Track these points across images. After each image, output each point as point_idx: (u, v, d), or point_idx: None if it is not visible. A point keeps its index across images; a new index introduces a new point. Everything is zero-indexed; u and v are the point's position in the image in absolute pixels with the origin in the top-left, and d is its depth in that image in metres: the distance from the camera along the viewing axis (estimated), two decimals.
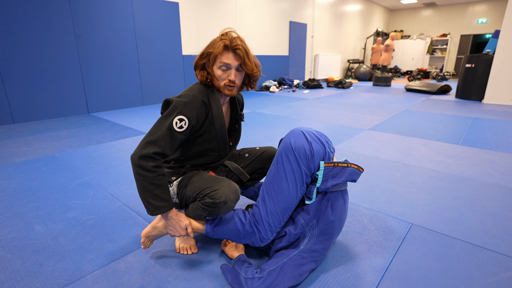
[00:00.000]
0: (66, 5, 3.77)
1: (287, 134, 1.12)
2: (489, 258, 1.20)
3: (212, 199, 1.05)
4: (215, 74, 1.13)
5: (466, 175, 2.03)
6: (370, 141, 2.84)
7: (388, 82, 7.90)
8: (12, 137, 2.99)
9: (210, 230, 1.14)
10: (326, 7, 8.77)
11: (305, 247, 1.05)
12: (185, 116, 1.05)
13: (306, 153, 1.03)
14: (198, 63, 1.15)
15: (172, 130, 1.04)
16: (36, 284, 1.06)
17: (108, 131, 3.26)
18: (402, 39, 12.14)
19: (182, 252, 1.24)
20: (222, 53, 1.10)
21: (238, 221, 1.11)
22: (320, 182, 1.04)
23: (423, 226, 1.43)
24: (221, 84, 1.14)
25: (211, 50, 1.10)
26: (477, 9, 10.77)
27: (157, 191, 1.02)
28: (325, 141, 1.09)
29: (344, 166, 1.04)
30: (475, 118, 3.92)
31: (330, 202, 1.07)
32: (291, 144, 1.05)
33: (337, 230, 1.10)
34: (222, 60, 1.10)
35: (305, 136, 1.06)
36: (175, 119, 1.04)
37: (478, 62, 5.35)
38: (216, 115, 1.17)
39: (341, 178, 1.03)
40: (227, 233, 1.12)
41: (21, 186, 1.87)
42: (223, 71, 1.12)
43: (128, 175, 2.04)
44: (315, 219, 1.06)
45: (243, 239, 1.11)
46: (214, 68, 1.13)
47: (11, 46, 3.44)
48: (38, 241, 1.32)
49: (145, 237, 1.19)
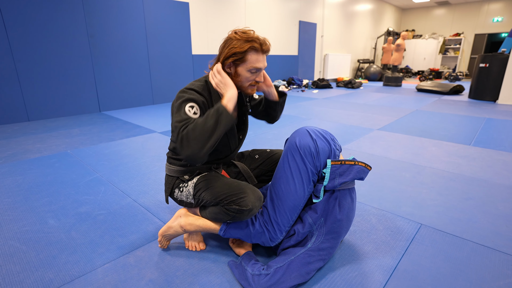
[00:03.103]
0: (79, 6, 3.86)
1: (292, 134, 1.13)
2: (501, 260, 1.17)
3: (239, 206, 1.05)
4: (241, 75, 1.11)
5: (478, 176, 1.99)
6: (379, 141, 2.81)
7: (399, 82, 7.78)
8: (27, 134, 3.08)
9: (222, 230, 1.15)
10: (336, 6, 8.70)
11: (312, 245, 1.05)
12: (194, 102, 1.06)
13: (311, 151, 1.03)
14: (225, 63, 1.09)
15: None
16: (49, 276, 1.09)
17: (119, 129, 3.31)
18: (413, 38, 11.94)
19: (190, 248, 1.25)
20: (253, 56, 1.08)
21: (249, 221, 1.12)
22: (327, 180, 1.03)
23: (433, 226, 1.41)
24: (246, 85, 1.14)
25: (240, 53, 1.06)
26: (493, 7, 10.50)
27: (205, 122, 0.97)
28: (331, 139, 1.09)
29: (351, 164, 1.03)
30: (488, 118, 3.83)
31: (337, 201, 1.06)
32: (296, 143, 1.06)
33: (345, 229, 1.09)
34: (253, 65, 1.08)
35: (310, 135, 1.07)
36: (187, 107, 1.04)
37: (492, 61, 5.22)
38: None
39: (348, 176, 1.03)
40: (239, 233, 1.14)
41: (35, 181, 1.92)
42: (252, 73, 1.11)
43: (138, 172, 2.07)
44: (322, 218, 1.06)
45: (254, 239, 1.12)
46: (241, 70, 1.10)
47: (27, 47, 3.54)
48: (51, 234, 1.36)
49: (162, 236, 1.21)
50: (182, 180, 1.23)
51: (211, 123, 0.96)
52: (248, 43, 1.05)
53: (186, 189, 1.20)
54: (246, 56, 1.07)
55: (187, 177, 1.23)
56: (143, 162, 2.28)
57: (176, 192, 1.23)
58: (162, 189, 1.81)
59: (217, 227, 1.16)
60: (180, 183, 1.23)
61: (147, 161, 2.29)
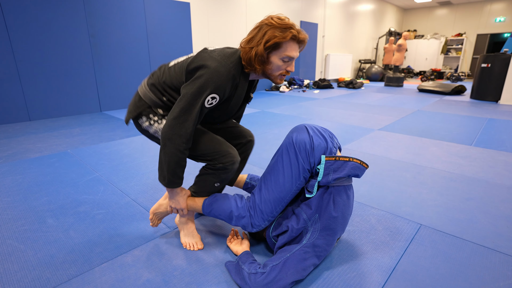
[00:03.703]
0: (80, 6, 3.87)
1: (291, 129, 1.13)
2: (501, 261, 1.16)
3: (222, 164, 1.14)
4: (272, 63, 1.07)
5: (479, 177, 1.98)
6: (380, 141, 2.80)
7: (400, 82, 7.76)
8: (28, 134, 3.09)
9: (206, 208, 1.22)
10: (337, 6, 8.69)
11: (307, 241, 1.04)
12: (217, 94, 1.04)
13: (306, 147, 1.03)
14: (260, 50, 1.03)
15: (203, 107, 1.04)
16: (46, 275, 1.09)
17: (119, 129, 3.32)
18: (415, 38, 11.90)
19: (188, 248, 1.25)
20: (289, 45, 1.05)
21: (233, 204, 1.17)
22: (321, 176, 1.03)
23: (433, 227, 1.40)
24: (276, 74, 1.11)
25: (278, 40, 1.01)
26: (495, 7, 10.45)
27: (178, 170, 1.09)
28: (328, 136, 1.08)
29: (345, 160, 1.03)
30: (490, 119, 3.80)
31: (332, 197, 1.06)
32: (292, 138, 1.07)
33: (341, 226, 1.09)
34: (287, 53, 1.05)
35: (308, 131, 1.07)
36: (208, 97, 1.02)
37: (494, 61, 5.20)
38: (237, 94, 1.15)
39: (343, 172, 1.02)
40: (222, 214, 1.19)
41: (35, 181, 1.93)
42: (284, 62, 1.08)
43: (138, 172, 2.07)
44: (317, 214, 1.06)
45: (235, 221, 1.16)
46: (274, 58, 1.06)
47: (28, 47, 3.55)
48: (49, 233, 1.36)
49: (153, 214, 1.28)
50: (155, 112, 1.17)
51: (171, 168, 1.08)
52: (288, 31, 1.02)
53: (159, 125, 1.17)
54: (283, 44, 1.04)
55: (161, 111, 1.17)
56: (142, 162, 2.28)
57: (143, 120, 1.19)
58: (161, 189, 1.81)
59: (199, 205, 1.24)
60: (151, 113, 1.18)
61: (146, 161, 2.29)
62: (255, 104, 4.96)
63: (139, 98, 1.20)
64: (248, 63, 1.07)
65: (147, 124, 1.19)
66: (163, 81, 1.14)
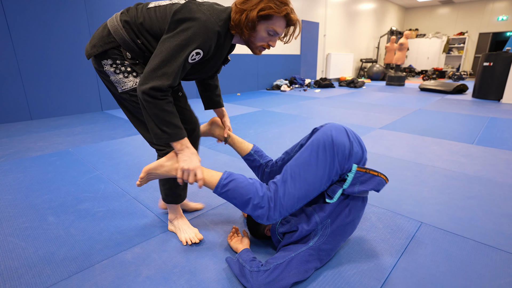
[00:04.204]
0: (81, 5, 3.88)
1: (325, 125, 1.07)
2: (502, 259, 1.16)
3: None
4: (257, 32, 1.04)
5: (480, 175, 1.97)
6: (381, 140, 2.79)
7: (402, 81, 7.73)
8: (29, 133, 3.10)
9: (221, 187, 1.04)
10: (338, 5, 8.67)
11: (314, 244, 1.03)
12: (202, 50, 0.98)
13: (345, 152, 0.98)
14: (251, 15, 0.99)
15: (186, 62, 0.98)
16: (47, 272, 1.10)
17: (120, 128, 3.33)
18: (417, 37, 11.86)
19: (190, 243, 1.24)
20: (279, 20, 1.02)
21: (254, 190, 1.02)
22: (348, 185, 1.00)
23: (433, 225, 1.39)
24: (257, 44, 1.07)
25: (272, 12, 0.99)
26: (498, 6, 10.40)
27: (169, 117, 0.98)
28: (364, 147, 1.06)
29: (374, 174, 1.00)
30: (492, 117, 3.79)
31: (349, 207, 1.04)
32: (332, 136, 0.99)
33: (349, 233, 1.09)
34: (275, 28, 1.03)
35: (348, 134, 1.02)
36: (193, 52, 0.96)
37: (497, 60, 5.17)
38: (218, 55, 1.09)
39: (369, 186, 1.00)
40: (238, 197, 1.03)
41: (36, 179, 1.93)
42: (269, 35, 1.05)
43: (138, 170, 2.08)
44: (329, 219, 1.04)
45: (250, 210, 1.03)
46: (261, 27, 1.03)
47: (30, 46, 3.56)
48: (50, 231, 1.36)
49: (146, 174, 1.10)
50: (123, 57, 1.06)
51: (160, 118, 0.97)
52: (284, 7, 1.00)
53: (124, 78, 1.07)
54: (273, 17, 1.01)
55: (129, 55, 1.06)
56: (143, 160, 2.28)
57: (108, 62, 1.07)
58: None
59: (215, 181, 1.06)
60: (118, 58, 1.06)
61: (147, 159, 2.29)
62: (256, 103, 4.96)
63: (108, 33, 1.04)
64: (237, 24, 1.02)
65: (111, 69, 1.07)
66: (140, 23, 1.03)
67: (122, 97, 1.13)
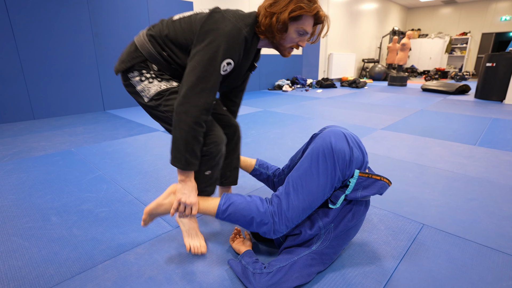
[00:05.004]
0: (84, 5, 3.89)
1: (324, 131, 1.06)
2: (504, 262, 1.16)
3: (205, 146, 1.01)
4: (288, 34, 1.03)
5: (482, 177, 1.96)
6: (383, 141, 2.79)
7: (404, 82, 7.72)
8: (32, 133, 3.11)
9: (221, 213, 1.04)
10: (340, 5, 8.65)
11: (317, 248, 1.04)
12: (232, 59, 0.97)
13: (345, 159, 0.97)
14: (282, 17, 0.97)
15: (220, 74, 0.97)
16: (50, 271, 1.10)
17: (123, 127, 3.34)
18: (419, 38, 11.82)
19: (193, 251, 1.13)
20: (308, 19, 1.01)
21: (254, 208, 1.02)
22: (350, 191, 1.00)
23: (435, 227, 1.39)
24: (286, 46, 1.06)
25: (304, 12, 0.97)
26: (501, 6, 10.35)
27: (196, 147, 0.97)
28: (364, 150, 1.05)
29: (377, 178, 1.00)
30: (495, 118, 3.77)
31: (352, 211, 1.04)
32: (331, 144, 0.98)
33: (352, 237, 1.09)
34: (305, 27, 1.01)
35: (347, 140, 1.00)
36: (223, 62, 0.96)
37: (499, 61, 5.15)
38: (244, 60, 1.08)
39: (372, 190, 1.00)
40: (240, 219, 1.03)
41: (39, 179, 1.95)
42: (299, 35, 1.04)
43: (141, 170, 2.08)
44: (333, 224, 1.04)
45: (256, 228, 1.03)
46: (291, 29, 1.02)
47: (33, 46, 3.58)
48: (53, 231, 1.37)
49: (148, 215, 1.12)
50: (149, 68, 1.08)
51: (189, 145, 0.96)
52: (314, 6, 0.99)
53: (149, 83, 1.08)
54: (303, 17, 1.00)
55: (155, 67, 1.08)
56: (145, 160, 2.29)
57: (135, 74, 1.09)
58: (164, 187, 1.82)
59: (213, 207, 1.06)
60: (144, 69, 1.08)
61: (149, 160, 2.30)
62: (258, 103, 4.96)
63: (135, 48, 1.08)
64: (268, 29, 1.00)
65: (137, 79, 1.09)
66: (165, 35, 1.04)
67: (150, 106, 1.12)
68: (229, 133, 1.30)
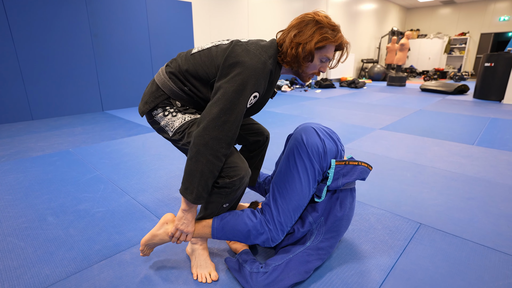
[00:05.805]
0: (83, 5, 3.89)
1: (296, 130, 1.09)
2: (501, 261, 1.15)
3: (229, 178, 0.96)
4: (311, 64, 1.03)
5: (480, 176, 1.96)
6: (381, 141, 2.79)
7: (403, 82, 7.72)
8: (30, 133, 3.11)
9: (217, 233, 1.06)
10: (339, 6, 8.66)
11: (311, 244, 1.04)
12: (257, 92, 0.96)
13: (319, 151, 1.00)
14: (308, 47, 0.97)
15: (246, 107, 0.95)
16: (45, 272, 1.10)
17: (121, 128, 3.33)
18: (418, 38, 11.84)
19: (200, 280, 1.06)
20: (331, 46, 1.02)
21: (248, 221, 1.04)
22: (331, 181, 1.02)
23: (433, 226, 1.39)
24: (310, 72, 1.06)
25: (329, 42, 0.98)
26: (499, 6, 10.37)
27: (210, 181, 0.93)
28: (337, 139, 1.07)
29: (354, 164, 1.02)
30: (493, 118, 3.78)
31: (339, 201, 1.06)
32: (303, 140, 1.01)
33: (344, 228, 1.09)
34: (328, 54, 1.02)
35: (318, 133, 1.03)
36: (251, 96, 0.94)
37: (498, 61, 5.16)
38: (268, 90, 1.08)
39: (352, 176, 1.01)
40: (237, 235, 1.05)
41: (36, 179, 1.94)
42: (321, 62, 1.04)
43: (138, 171, 2.08)
44: (323, 217, 1.05)
45: (254, 240, 1.04)
46: (315, 57, 1.02)
47: (31, 46, 3.57)
48: (49, 231, 1.36)
49: (145, 246, 1.10)
50: (172, 104, 1.08)
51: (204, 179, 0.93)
52: (339, 35, 0.99)
53: (172, 117, 1.07)
54: (327, 45, 1.00)
55: (179, 104, 1.08)
56: (143, 160, 2.29)
57: (158, 111, 1.09)
58: (161, 188, 1.81)
59: (208, 231, 1.06)
60: (168, 106, 1.09)
61: (147, 160, 2.30)
62: None
63: (156, 87, 1.08)
64: (294, 59, 1.00)
65: (160, 115, 1.09)
66: (185, 69, 1.03)
67: (174, 140, 1.10)
68: (261, 140, 1.37)
